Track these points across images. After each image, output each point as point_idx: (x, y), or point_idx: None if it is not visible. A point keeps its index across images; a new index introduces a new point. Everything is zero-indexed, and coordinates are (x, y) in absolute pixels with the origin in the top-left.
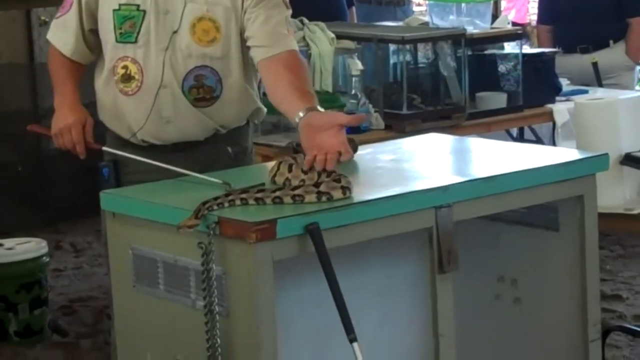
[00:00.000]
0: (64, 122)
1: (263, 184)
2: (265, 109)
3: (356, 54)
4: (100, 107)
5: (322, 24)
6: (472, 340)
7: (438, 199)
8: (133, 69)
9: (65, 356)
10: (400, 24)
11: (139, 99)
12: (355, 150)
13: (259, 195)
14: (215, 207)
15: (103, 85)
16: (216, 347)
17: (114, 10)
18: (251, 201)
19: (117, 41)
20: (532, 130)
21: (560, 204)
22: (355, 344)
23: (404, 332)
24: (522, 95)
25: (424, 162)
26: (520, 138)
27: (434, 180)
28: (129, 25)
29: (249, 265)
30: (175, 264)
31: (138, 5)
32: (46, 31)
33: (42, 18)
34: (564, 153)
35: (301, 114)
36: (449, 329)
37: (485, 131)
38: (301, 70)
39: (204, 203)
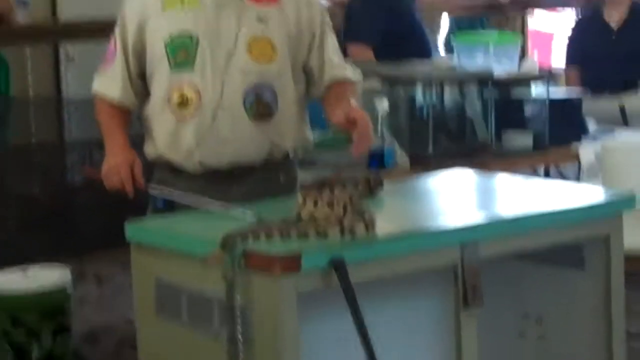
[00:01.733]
0: (114, 162)
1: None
2: (312, 141)
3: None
4: (154, 139)
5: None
6: None
7: (464, 237)
8: (189, 94)
9: None
10: (427, 65)
11: (198, 121)
12: (381, 186)
13: (284, 228)
14: (240, 240)
15: (158, 116)
16: None
17: (166, 43)
18: (276, 234)
19: (172, 70)
20: (558, 170)
21: (587, 243)
22: None
23: None
24: (548, 136)
25: (450, 198)
26: (546, 178)
27: (460, 218)
28: (184, 54)
29: (273, 297)
30: (199, 295)
31: (191, 35)
32: (73, 67)
33: (70, 54)
34: (591, 191)
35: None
36: None
37: (510, 170)
38: (353, 96)
39: (228, 236)
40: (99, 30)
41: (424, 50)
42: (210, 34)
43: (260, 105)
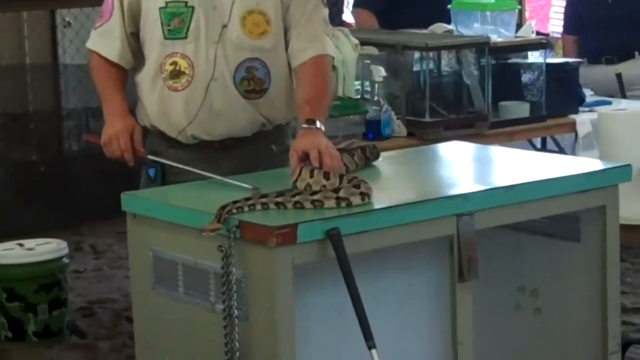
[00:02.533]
0: (113, 131)
1: (291, 190)
2: None
3: (380, 60)
4: (145, 108)
5: (346, 30)
6: (491, 349)
7: (460, 207)
8: (183, 64)
9: (83, 358)
10: (424, 31)
11: (190, 94)
12: (377, 156)
13: (279, 199)
14: (235, 211)
15: (150, 84)
16: (234, 351)
17: (161, 8)
18: (272, 206)
19: (165, 38)
20: (555, 141)
21: (582, 214)
22: (373, 351)
23: (423, 339)
24: (545, 105)
25: (446, 170)
26: (543, 148)
27: (456, 188)
28: (178, 22)
29: (269, 269)
30: (195, 266)
31: (186, 2)
32: (70, 32)
33: (67, 19)
34: (587, 163)
35: (303, 125)
36: (468, 337)
37: (507, 140)
38: (321, 79)
39: (224, 207)
40: None
41: (433, 17)
42: (205, 3)
43: (252, 81)
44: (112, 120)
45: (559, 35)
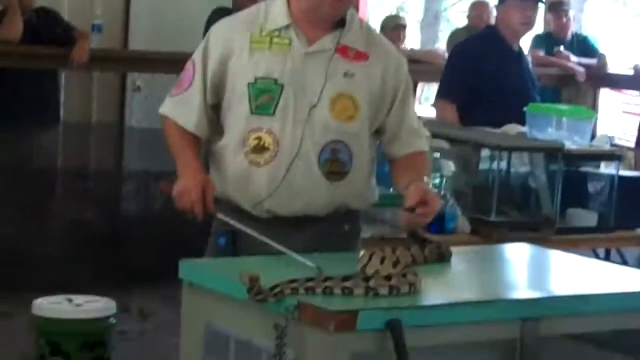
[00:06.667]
0: (186, 183)
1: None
2: (377, 198)
3: (449, 154)
4: (221, 178)
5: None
6: None
7: (526, 311)
8: (268, 140)
9: None
10: (497, 130)
11: (272, 169)
12: (449, 258)
13: (310, 284)
14: (289, 291)
15: (230, 156)
16: None
17: (250, 84)
18: (301, 290)
19: (252, 113)
20: (619, 253)
21: None
22: None
23: None
24: (613, 217)
25: (512, 271)
26: (606, 259)
27: (522, 292)
28: (266, 98)
29: (325, 354)
30: (248, 343)
31: (276, 80)
32: (139, 96)
33: (137, 83)
34: None
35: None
36: None
37: (571, 247)
38: (423, 169)
39: (252, 289)
40: (168, 62)
41: (508, 116)
42: (296, 82)
43: (335, 164)
44: (186, 174)
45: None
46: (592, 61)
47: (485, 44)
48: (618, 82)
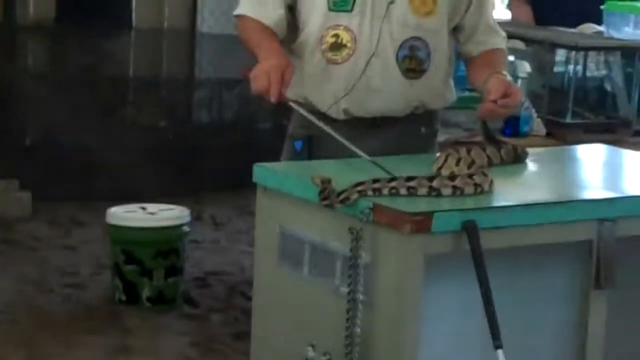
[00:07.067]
0: (265, 65)
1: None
2: (454, 99)
3: (525, 55)
4: (298, 78)
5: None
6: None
7: (603, 212)
8: (345, 37)
9: (194, 328)
10: (573, 30)
11: (349, 67)
12: (525, 157)
13: (376, 185)
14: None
15: (307, 55)
16: (355, 337)
17: None
18: (369, 192)
19: (329, 10)
20: None
21: None
22: (500, 351)
23: (550, 344)
24: None
25: (588, 172)
26: None
27: (599, 193)
28: None
29: (400, 256)
30: (323, 247)
31: None
32: (211, 2)
33: None
34: None
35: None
36: (597, 347)
37: None
38: (501, 65)
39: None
40: None
41: (585, 15)
42: None
43: (413, 61)
44: (267, 57)
45: None
46: None
47: None
48: None
